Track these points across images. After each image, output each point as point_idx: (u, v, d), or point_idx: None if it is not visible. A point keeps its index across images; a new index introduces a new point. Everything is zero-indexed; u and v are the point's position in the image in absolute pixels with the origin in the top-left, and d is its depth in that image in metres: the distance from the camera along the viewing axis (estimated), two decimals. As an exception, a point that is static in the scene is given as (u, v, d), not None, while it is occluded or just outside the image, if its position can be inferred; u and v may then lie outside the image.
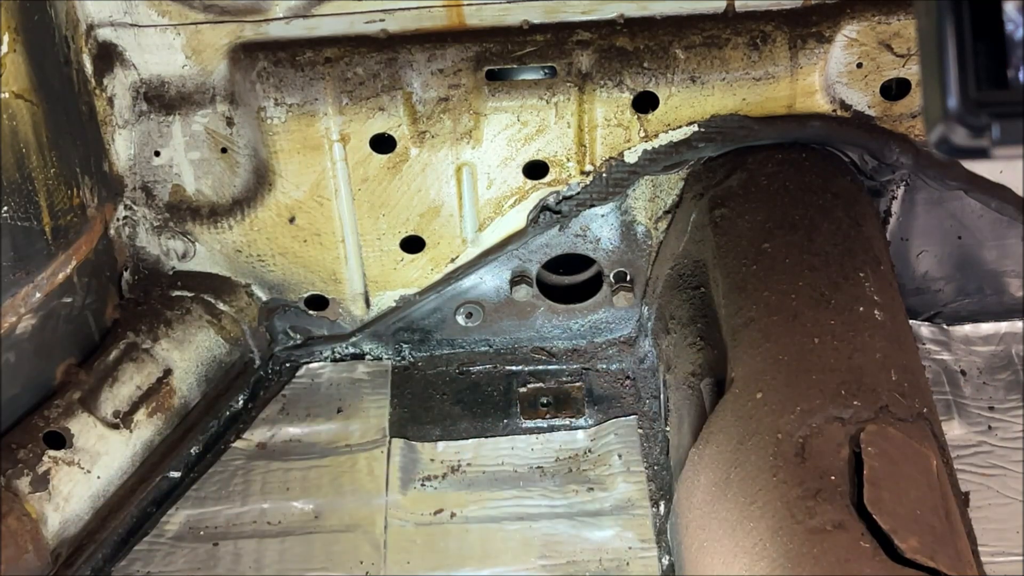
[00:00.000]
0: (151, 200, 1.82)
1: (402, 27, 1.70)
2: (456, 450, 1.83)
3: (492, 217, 1.81)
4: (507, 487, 1.78)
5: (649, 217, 1.85)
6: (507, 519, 1.73)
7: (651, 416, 1.86)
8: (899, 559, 1.23)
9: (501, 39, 1.69)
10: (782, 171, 1.72)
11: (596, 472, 1.80)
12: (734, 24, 1.69)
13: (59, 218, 1.59)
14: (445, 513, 1.75)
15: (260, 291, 1.89)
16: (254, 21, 1.68)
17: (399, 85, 1.68)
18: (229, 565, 1.68)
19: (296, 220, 1.80)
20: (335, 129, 1.71)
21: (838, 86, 1.71)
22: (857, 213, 1.68)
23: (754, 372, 1.48)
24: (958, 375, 1.90)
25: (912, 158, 1.74)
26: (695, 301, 1.73)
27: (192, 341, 1.80)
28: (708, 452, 1.48)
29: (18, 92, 1.48)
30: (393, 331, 1.95)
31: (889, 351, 1.47)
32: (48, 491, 1.57)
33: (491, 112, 1.70)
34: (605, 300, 1.94)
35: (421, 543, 1.71)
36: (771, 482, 1.34)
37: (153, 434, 1.73)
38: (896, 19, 1.66)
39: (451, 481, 1.79)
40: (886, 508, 1.27)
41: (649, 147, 1.74)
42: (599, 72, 1.68)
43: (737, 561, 1.34)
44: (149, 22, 1.68)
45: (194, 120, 1.75)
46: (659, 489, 1.75)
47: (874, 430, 1.35)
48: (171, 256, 1.86)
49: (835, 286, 1.53)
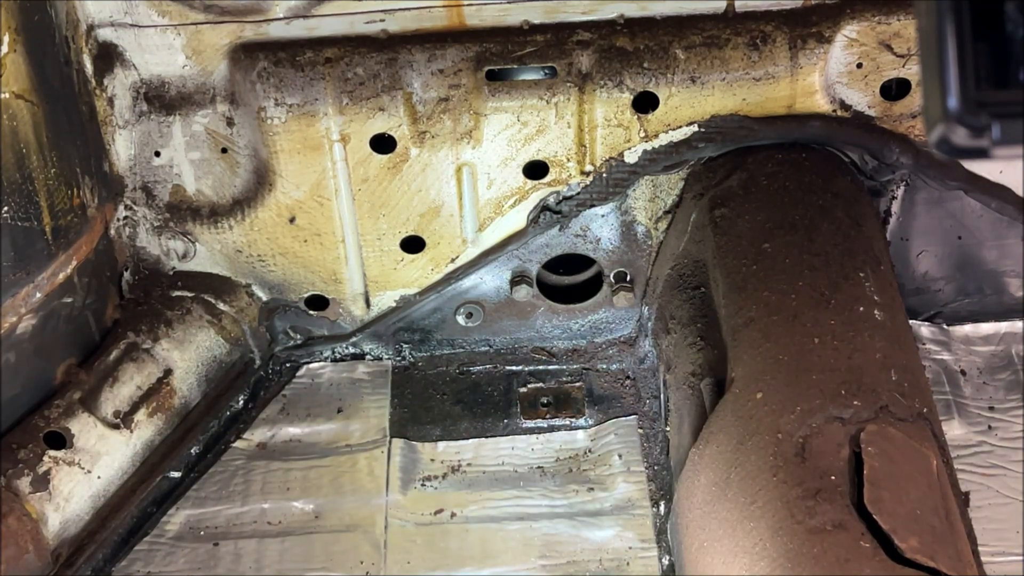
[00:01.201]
0: (151, 200, 1.82)
1: (402, 27, 1.70)
2: (456, 450, 1.83)
3: (492, 217, 1.81)
4: (507, 487, 1.78)
5: (649, 217, 1.85)
6: (507, 519, 1.73)
7: (651, 416, 1.86)
8: (899, 559, 1.23)
9: (501, 39, 1.69)
10: (782, 171, 1.72)
11: (596, 472, 1.80)
12: (734, 24, 1.69)
13: (59, 218, 1.59)
14: (445, 513, 1.75)
15: (260, 291, 1.89)
16: (254, 21, 1.69)
17: (399, 85, 1.68)
18: (229, 565, 1.68)
19: (296, 220, 1.80)
20: (335, 129, 1.71)
21: (838, 86, 1.71)
22: (857, 213, 1.68)
23: (754, 372, 1.48)
24: (958, 375, 1.90)
25: (912, 158, 1.74)
26: (695, 301, 1.73)
27: (192, 341, 1.80)
28: (708, 452, 1.48)
29: (18, 92, 1.48)
30: (393, 331, 1.95)
31: (889, 351, 1.47)
32: (48, 491, 1.57)
33: (491, 112, 1.70)
34: (605, 300, 1.94)
35: (421, 543, 1.71)
36: (771, 482, 1.34)
37: (153, 434, 1.73)
38: (896, 19, 1.66)
39: (451, 481, 1.80)
40: (886, 508, 1.27)
41: (649, 147, 1.74)
42: (599, 72, 1.68)
43: (737, 561, 1.34)
44: (149, 22, 1.68)
45: (194, 120, 1.75)
46: (659, 489, 1.75)
47: (874, 430, 1.35)
48: (171, 256, 1.86)
49: (835, 286, 1.53)
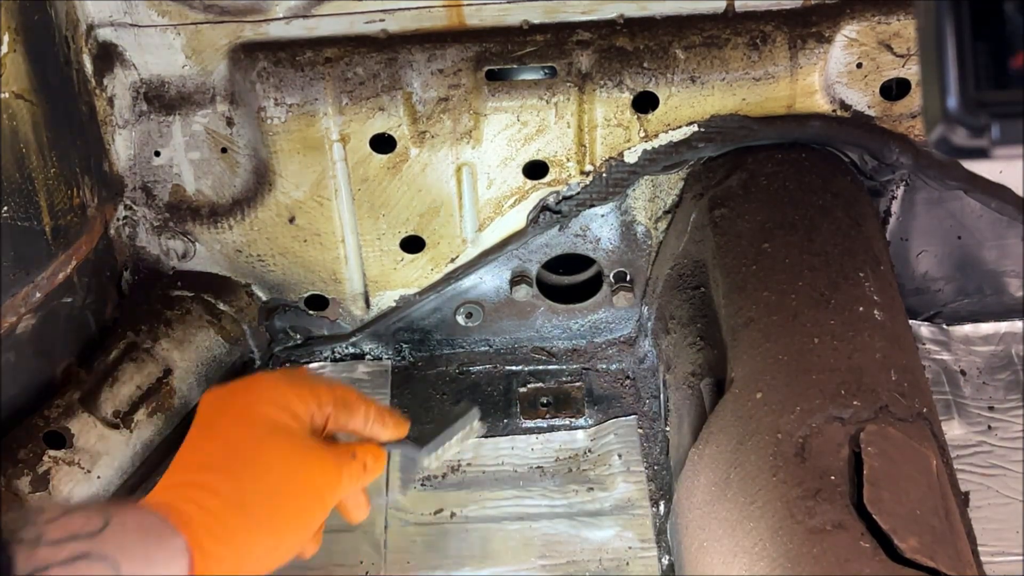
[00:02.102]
0: (151, 200, 1.82)
1: (402, 27, 1.70)
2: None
3: (492, 217, 1.81)
4: (507, 487, 1.78)
5: (649, 217, 1.85)
6: (507, 519, 1.74)
7: (651, 416, 1.86)
8: (899, 559, 1.23)
9: (501, 39, 1.69)
10: (782, 171, 1.72)
11: (596, 472, 1.80)
12: (734, 24, 1.69)
13: (59, 218, 1.59)
14: (445, 513, 1.75)
15: (260, 291, 1.89)
16: (254, 21, 1.68)
17: (399, 85, 1.68)
18: (229, 565, 1.68)
19: (296, 220, 1.80)
20: (335, 129, 1.71)
21: (838, 86, 1.71)
22: (857, 213, 1.68)
23: (754, 372, 1.48)
24: (958, 375, 1.90)
25: (912, 158, 1.74)
26: (695, 301, 1.73)
27: (192, 341, 1.80)
28: (708, 452, 1.48)
29: (18, 92, 1.48)
30: (393, 331, 1.95)
31: (889, 351, 1.47)
32: (48, 491, 1.57)
33: (491, 112, 1.70)
34: (605, 300, 1.94)
35: (421, 543, 1.71)
36: (771, 482, 1.34)
37: (153, 434, 1.73)
38: (896, 19, 1.66)
39: (451, 481, 1.80)
40: (886, 508, 1.27)
41: (649, 147, 1.74)
42: (599, 72, 1.68)
43: (737, 561, 1.34)
44: (149, 22, 1.68)
45: (194, 120, 1.75)
46: (659, 489, 1.75)
47: (874, 430, 1.35)
48: (171, 256, 1.86)
49: (835, 286, 1.53)
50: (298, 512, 1.10)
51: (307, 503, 1.11)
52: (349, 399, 1.21)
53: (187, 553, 0.96)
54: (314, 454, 1.13)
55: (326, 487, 1.14)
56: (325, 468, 1.14)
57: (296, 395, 1.15)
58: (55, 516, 0.86)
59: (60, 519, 0.86)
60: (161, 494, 1.03)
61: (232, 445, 1.09)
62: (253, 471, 1.07)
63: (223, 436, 1.10)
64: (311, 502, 1.12)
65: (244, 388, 1.16)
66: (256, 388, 1.15)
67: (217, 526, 1.00)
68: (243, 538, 1.03)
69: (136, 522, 0.93)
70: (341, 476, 1.16)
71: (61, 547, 0.84)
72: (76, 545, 0.85)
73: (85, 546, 0.85)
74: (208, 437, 1.11)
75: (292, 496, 1.10)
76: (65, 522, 0.86)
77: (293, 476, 1.10)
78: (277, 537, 1.08)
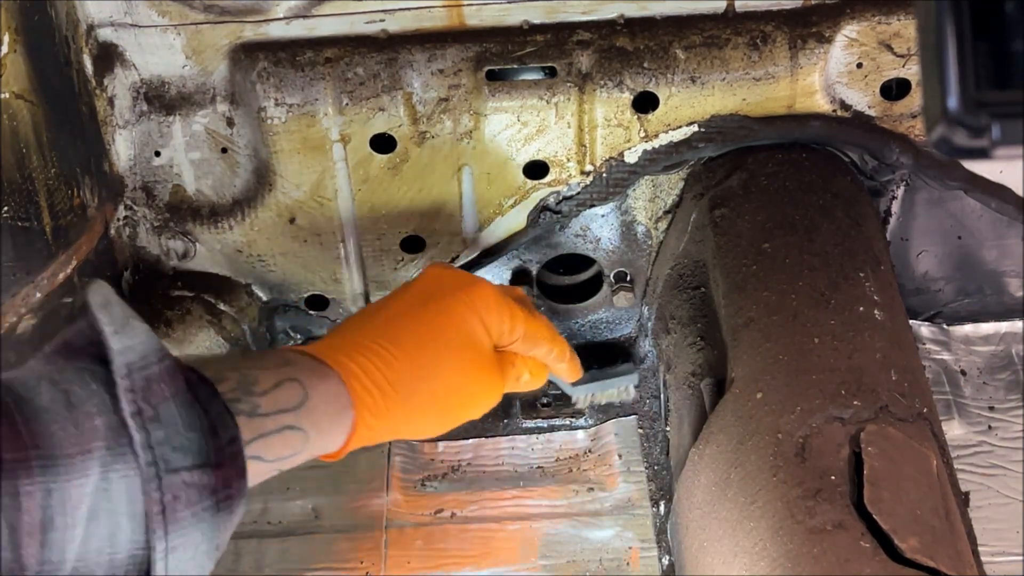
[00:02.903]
0: (151, 200, 1.82)
1: (402, 27, 1.70)
2: (456, 450, 1.83)
3: (492, 217, 1.81)
4: (507, 487, 1.78)
5: (649, 217, 1.85)
6: (507, 519, 1.74)
7: (651, 416, 1.86)
8: (899, 559, 1.23)
9: (501, 39, 1.69)
10: (782, 171, 1.72)
11: (596, 472, 1.80)
12: (734, 24, 1.69)
13: (59, 218, 1.59)
14: (445, 513, 1.75)
15: (260, 291, 1.89)
16: (254, 21, 1.69)
17: (399, 85, 1.68)
18: (229, 565, 1.68)
19: (296, 220, 1.80)
20: (335, 129, 1.71)
21: (838, 86, 1.71)
22: (857, 213, 1.68)
23: (754, 372, 1.48)
24: (958, 375, 1.90)
25: (912, 158, 1.74)
26: (695, 301, 1.73)
27: (192, 341, 1.80)
28: (708, 452, 1.48)
29: (18, 92, 1.48)
30: (393, 331, 1.95)
31: (889, 351, 1.47)
32: (48, 491, 1.57)
33: (491, 112, 1.70)
34: (605, 300, 1.94)
35: (421, 543, 1.71)
36: (771, 482, 1.34)
37: (153, 434, 1.73)
38: (896, 19, 1.66)
39: (451, 481, 1.80)
40: (886, 508, 1.27)
41: (649, 147, 1.74)
42: (599, 72, 1.68)
43: (737, 561, 1.34)
44: (149, 22, 1.68)
45: (194, 120, 1.75)
46: (659, 489, 1.75)
47: (874, 430, 1.35)
48: (171, 256, 1.86)
49: (835, 286, 1.53)
50: (450, 415, 1.24)
51: (462, 413, 1.25)
52: (539, 336, 1.34)
53: (352, 427, 1.10)
54: (488, 370, 1.26)
55: (485, 402, 1.28)
56: (493, 384, 1.27)
57: (498, 315, 1.26)
58: (267, 389, 0.99)
59: (271, 392, 1.00)
60: (345, 349, 1.13)
61: (424, 335, 1.20)
62: (433, 370, 1.19)
63: (425, 322, 1.21)
64: (466, 412, 1.25)
65: (467, 285, 1.27)
66: (474, 292, 1.26)
67: (379, 406, 1.13)
68: (397, 420, 1.15)
69: (327, 399, 1.06)
70: (502, 390, 1.30)
71: (272, 419, 0.98)
72: (282, 417, 1.00)
73: (290, 418, 1.00)
74: (412, 313, 1.22)
75: (452, 405, 1.23)
76: (275, 395, 1.00)
77: (462, 389, 1.23)
78: (423, 426, 1.22)
